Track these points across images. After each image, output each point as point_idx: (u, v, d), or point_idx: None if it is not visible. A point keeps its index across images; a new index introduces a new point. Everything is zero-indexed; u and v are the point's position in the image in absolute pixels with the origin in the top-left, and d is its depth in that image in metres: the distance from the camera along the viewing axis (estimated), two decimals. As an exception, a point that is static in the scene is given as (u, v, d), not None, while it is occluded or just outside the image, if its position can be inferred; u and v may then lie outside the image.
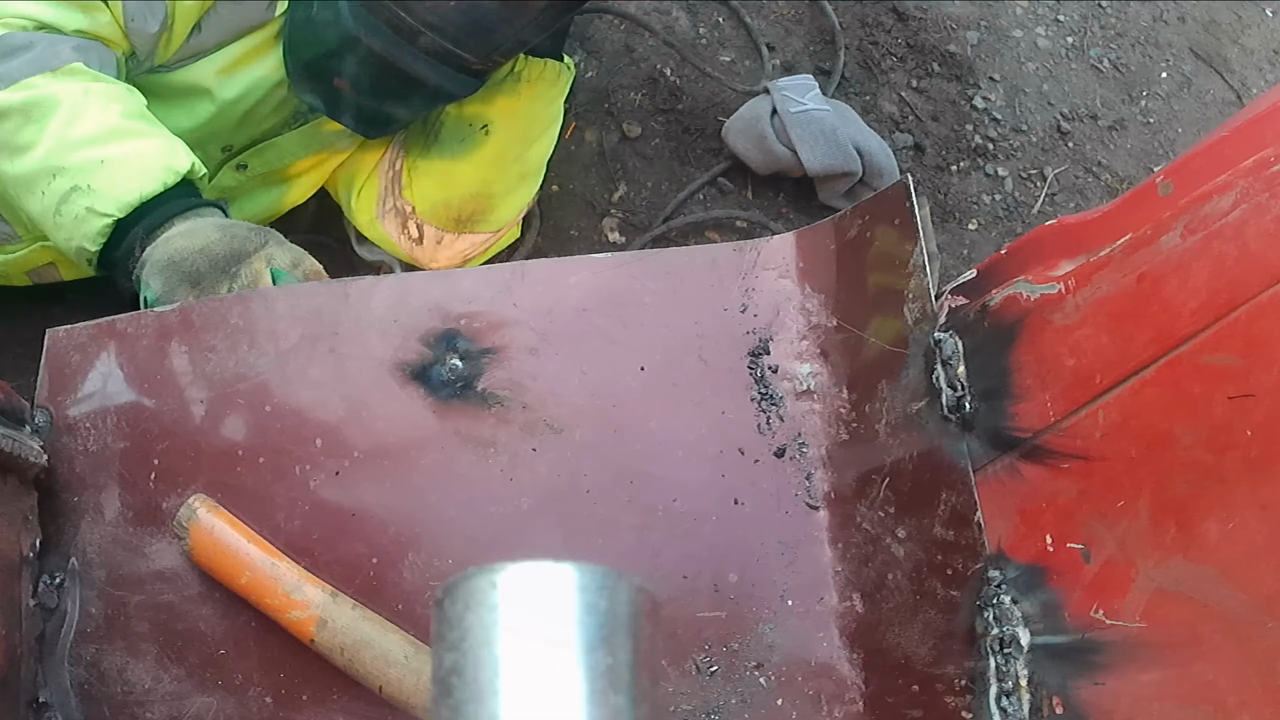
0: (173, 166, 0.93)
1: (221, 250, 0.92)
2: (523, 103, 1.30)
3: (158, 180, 0.92)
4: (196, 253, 0.93)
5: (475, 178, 1.33)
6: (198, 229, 0.94)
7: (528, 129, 1.34)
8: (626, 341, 0.95)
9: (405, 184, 1.33)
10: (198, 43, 1.11)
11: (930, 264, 0.84)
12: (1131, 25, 2.05)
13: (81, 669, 0.89)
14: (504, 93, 1.27)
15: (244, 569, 0.86)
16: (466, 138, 1.29)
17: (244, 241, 0.94)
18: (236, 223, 0.97)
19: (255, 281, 0.94)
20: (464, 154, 1.31)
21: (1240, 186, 0.64)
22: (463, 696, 0.32)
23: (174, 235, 0.93)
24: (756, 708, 0.85)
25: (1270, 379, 0.61)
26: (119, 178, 0.91)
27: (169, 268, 0.93)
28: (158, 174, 0.92)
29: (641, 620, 0.34)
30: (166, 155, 0.93)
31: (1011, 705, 0.71)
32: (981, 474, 0.77)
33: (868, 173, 1.68)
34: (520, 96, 1.28)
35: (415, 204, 1.33)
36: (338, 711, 0.87)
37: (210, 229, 0.94)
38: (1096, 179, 1.86)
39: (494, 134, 1.30)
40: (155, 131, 0.97)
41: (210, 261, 0.93)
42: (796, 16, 1.92)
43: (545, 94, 1.31)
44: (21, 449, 0.87)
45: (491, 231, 1.38)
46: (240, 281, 0.93)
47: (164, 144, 0.95)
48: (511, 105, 1.29)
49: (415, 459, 0.92)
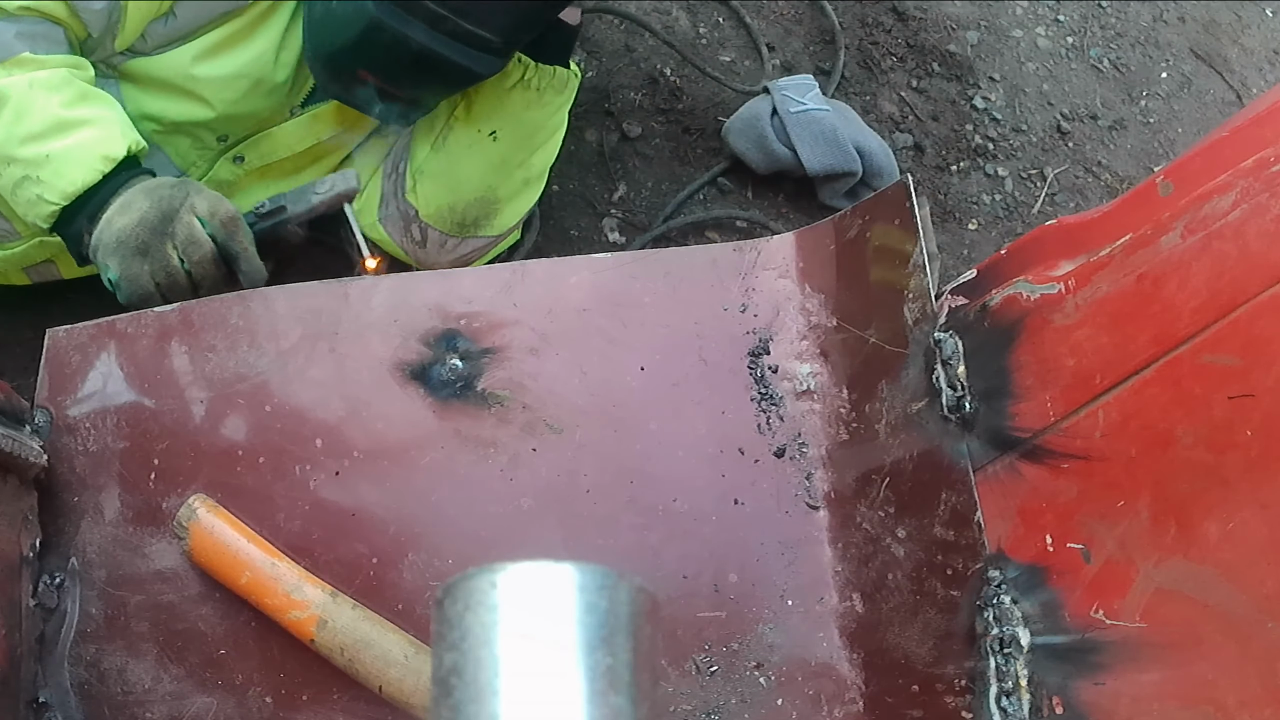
0: (108, 155, 1.00)
1: (154, 216, 0.99)
2: (531, 110, 1.30)
3: (95, 171, 1.00)
4: (135, 226, 0.99)
5: (480, 183, 1.33)
6: (130, 202, 1.00)
7: (534, 135, 1.34)
8: (626, 341, 0.95)
9: (409, 187, 1.33)
10: (174, 28, 1.12)
11: (930, 264, 0.84)
12: (1131, 25, 2.05)
13: (81, 669, 0.89)
14: (513, 99, 1.28)
15: (244, 569, 0.86)
16: (474, 143, 1.29)
17: (169, 201, 1.00)
18: (160, 183, 1.03)
19: (189, 235, 1.00)
20: (470, 159, 1.31)
21: (1240, 186, 0.64)
22: (463, 696, 0.32)
23: (112, 214, 1.00)
24: (756, 708, 0.85)
25: (1270, 379, 0.61)
26: (61, 170, 0.99)
27: (119, 248, 1.00)
28: (95, 164, 1.00)
29: (641, 620, 0.34)
30: (103, 144, 1.00)
31: (1011, 705, 0.71)
32: (981, 474, 0.77)
33: (868, 173, 1.68)
34: (528, 104, 1.29)
35: (419, 207, 1.33)
36: (338, 711, 0.87)
37: (140, 198, 1.00)
38: (1096, 179, 1.86)
39: (501, 140, 1.30)
40: (95, 117, 1.02)
41: (149, 229, 0.99)
42: (796, 16, 1.92)
43: (553, 101, 1.31)
44: (21, 449, 0.87)
45: (494, 235, 1.38)
46: (178, 239, 0.99)
47: (100, 133, 1.01)
48: (519, 112, 1.29)
49: (415, 459, 0.92)
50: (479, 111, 1.28)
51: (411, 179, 1.33)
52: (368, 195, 1.38)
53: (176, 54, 1.13)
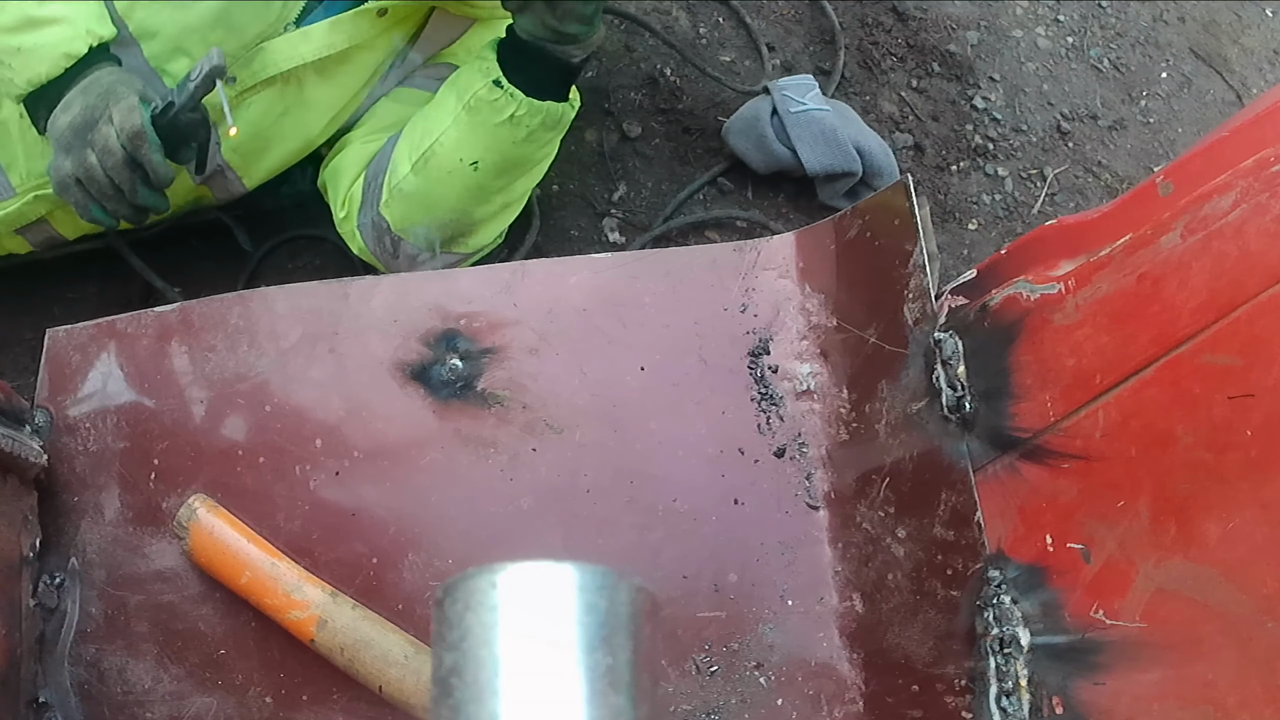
0: (69, 52, 1.10)
1: (80, 121, 1.09)
2: (519, 146, 1.28)
3: (58, 66, 1.10)
4: (66, 127, 1.09)
5: (456, 207, 1.32)
6: (70, 100, 1.10)
7: (518, 167, 1.32)
8: (626, 341, 0.95)
9: (384, 200, 1.32)
10: None
11: (930, 264, 0.84)
12: (1131, 25, 2.05)
13: (81, 669, 0.89)
14: (500, 135, 1.26)
15: (244, 569, 0.86)
16: (454, 170, 1.28)
17: (93, 110, 1.09)
18: (93, 85, 1.11)
19: (104, 144, 1.07)
20: (448, 184, 1.29)
21: (1240, 186, 0.64)
22: (463, 696, 0.32)
23: (58, 110, 1.10)
24: (756, 708, 0.85)
25: (1270, 379, 0.61)
26: (30, 62, 1.10)
27: (56, 143, 1.11)
28: (58, 61, 1.10)
29: (641, 620, 0.34)
30: (66, 43, 1.10)
31: (1011, 705, 0.71)
32: (981, 474, 0.77)
33: (868, 173, 1.68)
34: (516, 140, 1.27)
35: (392, 222, 1.32)
36: (338, 711, 0.87)
37: (77, 100, 1.10)
38: (1096, 179, 1.86)
39: (482, 170, 1.29)
40: (61, 13, 1.11)
41: (74, 132, 1.09)
42: (796, 16, 1.92)
43: (543, 136, 1.30)
44: (21, 449, 0.87)
45: (468, 252, 1.38)
46: (96, 146, 1.08)
47: (66, 30, 1.10)
48: (506, 147, 1.27)
49: (415, 459, 0.92)
50: (463, 141, 1.27)
51: (387, 193, 1.32)
52: (351, 201, 1.37)
53: None
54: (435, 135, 1.28)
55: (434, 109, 1.31)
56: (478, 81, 1.23)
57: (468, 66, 1.28)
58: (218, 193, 1.37)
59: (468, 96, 1.24)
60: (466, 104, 1.24)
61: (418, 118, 1.34)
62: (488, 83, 1.22)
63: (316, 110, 1.34)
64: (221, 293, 1.01)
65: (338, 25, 1.27)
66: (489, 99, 1.23)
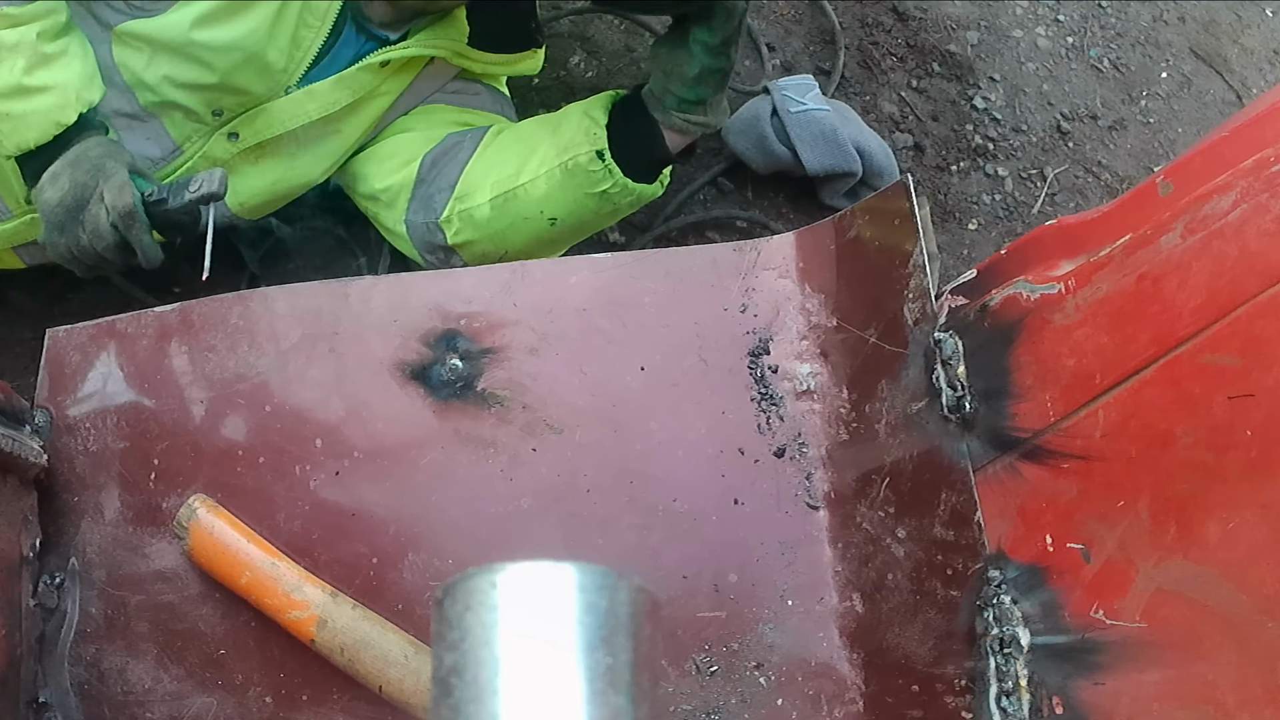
0: (58, 120, 1.10)
1: (70, 200, 1.08)
2: (600, 217, 1.31)
3: (46, 134, 1.10)
4: (55, 205, 1.08)
5: (521, 249, 1.34)
6: (58, 173, 1.09)
7: (591, 229, 1.35)
8: (626, 341, 0.95)
9: (446, 216, 1.31)
10: None
11: (930, 264, 0.84)
12: (1131, 25, 2.05)
13: (81, 669, 0.89)
14: (587, 203, 1.28)
15: (244, 569, 0.86)
16: (531, 219, 1.29)
17: (83, 189, 1.08)
18: (82, 160, 1.10)
19: (95, 226, 1.07)
20: (523, 230, 1.30)
21: (1240, 186, 0.64)
22: (463, 696, 0.32)
23: (44, 182, 1.10)
24: (756, 708, 0.85)
25: (1270, 379, 0.61)
26: (19, 129, 1.09)
27: (45, 219, 1.09)
28: (47, 129, 1.10)
29: (641, 620, 0.34)
30: (56, 112, 1.10)
31: (1011, 705, 0.71)
32: (981, 474, 0.77)
33: (868, 173, 1.68)
34: (600, 210, 1.29)
35: (450, 237, 1.32)
36: (338, 711, 0.87)
37: (65, 174, 1.09)
38: (1096, 179, 1.86)
39: (558, 227, 1.30)
40: (52, 81, 1.10)
41: (65, 211, 1.08)
42: (796, 16, 1.92)
43: (624, 212, 1.33)
44: (21, 449, 0.87)
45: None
46: (88, 229, 1.07)
47: (56, 99, 1.10)
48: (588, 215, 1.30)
49: (415, 459, 0.92)
50: (550, 197, 1.27)
51: (454, 210, 1.31)
52: (399, 189, 1.37)
53: (177, 17, 1.14)
54: (523, 179, 1.28)
55: (529, 146, 1.30)
56: (582, 145, 1.24)
57: (573, 118, 1.29)
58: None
59: (567, 157, 1.25)
60: (564, 165, 1.25)
61: (510, 141, 1.33)
62: (591, 153, 1.23)
63: (320, 158, 1.33)
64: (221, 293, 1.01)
65: (341, 82, 1.25)
66: (588, 168, 1.24)
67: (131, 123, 1.22)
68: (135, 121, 1.22)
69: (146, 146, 1.24)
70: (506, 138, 1.34)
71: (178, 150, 1.25)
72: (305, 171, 1.33)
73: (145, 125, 1.23)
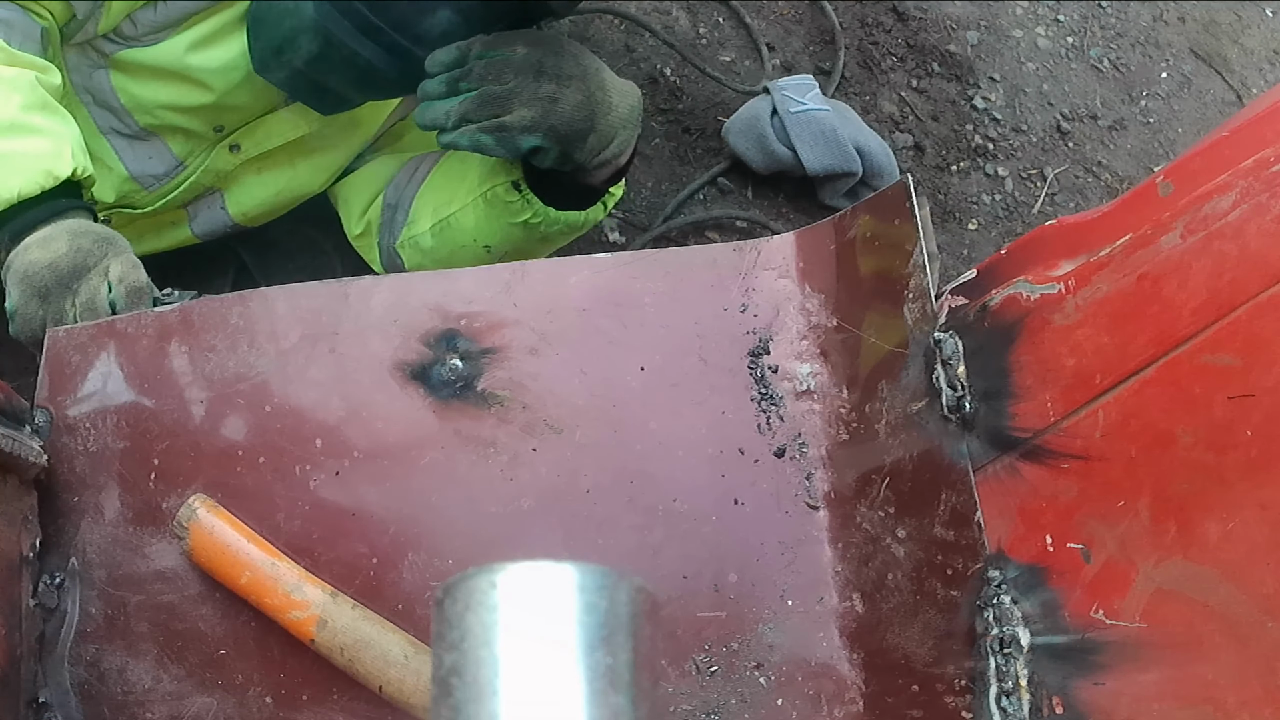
0: (52, 171, 0.96)
1: (66, 265, 0.95)
2: (536, 245, 1.26)
3: (35, 183, 0.95)
4: (45, 267, 0.95)
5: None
6: (52, 237, 0.96)
7: (533, 253, 1.30)
8: (626, 341, 0.95)
9: (400, 242, 1.30)
10: (164, 15, 1.11)
11: (930, 264, 0.84)
12: (1131, 25, 2.05)
13: (81, 669, 0.89)
14: (515, 232, 1.23)
15: (244, 569, 0.86)
16: (468, 246, 1.27)
17: (86, 255, 0.96)
18: (87, 231, 0.98)
19: (92, 299, 0.96)
20: (460, 255, 1.26)
21: (1240, 186, 0.64)
22: (463, 696, 0.32)
23: (31, 243, 0.96)
24: (756, 708, 0.85)
25: (1270, 379, 0.61)
26: (3, 173, 0.94)
27: (23, 282, 0.96)
28: (36, 177, 0.95)
29: (641, 620, 0.34)
30: (50, 159, 0.96)
31: (1011, 705, 0.71)
32: (981, 474, 0.77)
33: (868, 173, 1.68)
34: (532, 239, 1.23)
35: (406, 262, 1.32)
36: (338, 711, 0.87)
37: (63, 238, 0.96)
38: (1096, 179, 1.86)
39: (494, 254, 1.26)
40: (49, 127, 0.98)
41: (56, 277, 0.95)
42: (796, 16, 1.92)
43: (558, 239, 1.27)
44: (21, 449, 0.87)
45: None
46: (81, 298, 0.96)
47: (51, 145, 0.97)
48: (522, 243, 1.24)
49: (415, 459, 0.92)
50: (480, 226, 1.23)
51: (405, 237, 1.30)
52: (369, 217, 1.37)
53: (170, 44, 1.13)
54: (454, 208, 1.25)
55: (458, 174, 1.27)
56: (499, 175, 1.19)
57: None
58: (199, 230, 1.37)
59: (486, 188, 1.20)
60: (484, 195, 1.20)
61: (452, 165, 1.30)
62: (507, 183, 1.18)
63: (319, 169, 1.33)
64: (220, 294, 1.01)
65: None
66: (505, 199, 1.19)
67: (133, 142, 1.22)
68: (136, 141, 1.22)
69: (149, 164, 1.23)
70: (450, 162, 1.30)
71: (181, 165, 1.25)
72: (307, 181, 1.34)
73: (146, 144, 1.22)
